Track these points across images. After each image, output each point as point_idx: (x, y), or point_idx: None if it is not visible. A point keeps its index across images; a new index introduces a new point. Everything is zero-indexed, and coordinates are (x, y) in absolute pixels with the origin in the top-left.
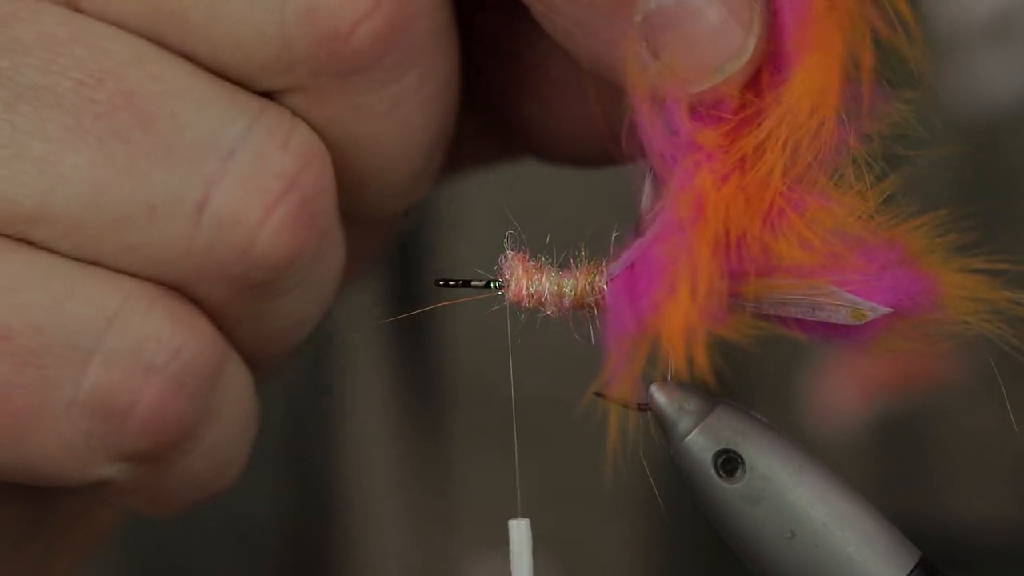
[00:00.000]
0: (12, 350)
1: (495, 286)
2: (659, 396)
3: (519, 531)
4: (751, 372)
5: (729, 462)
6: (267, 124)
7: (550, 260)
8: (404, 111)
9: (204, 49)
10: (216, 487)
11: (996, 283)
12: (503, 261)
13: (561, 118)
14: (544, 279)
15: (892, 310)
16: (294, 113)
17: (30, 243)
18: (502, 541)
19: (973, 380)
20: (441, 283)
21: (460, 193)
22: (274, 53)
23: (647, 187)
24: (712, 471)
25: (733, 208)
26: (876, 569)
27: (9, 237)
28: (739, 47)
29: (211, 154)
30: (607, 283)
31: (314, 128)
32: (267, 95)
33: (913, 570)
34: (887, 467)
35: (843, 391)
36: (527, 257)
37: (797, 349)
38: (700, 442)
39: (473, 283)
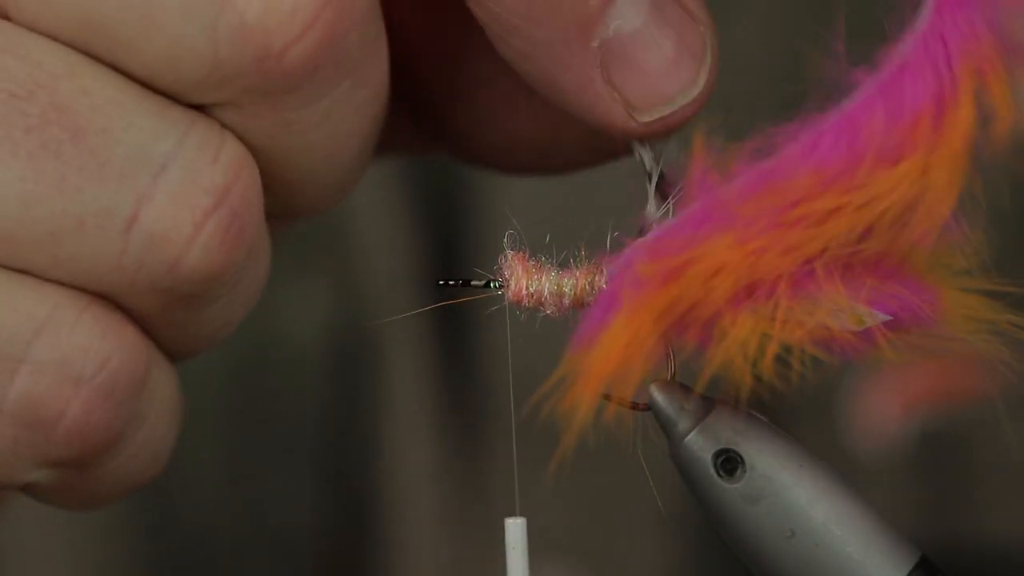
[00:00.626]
0: None
1: (495, 286)
2: (658, 396)
3: (515, 530)
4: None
5: (729, 462)
6: (197, 138)
7: (550, 260)
8: (335, 120)
9: (135, 63)
10: (141, 482)
11: (999, 304)
12: (503, 261)
13: (493, 126)
14: (544, 279)
15: (891, 318)
16: (224, 126)
17: None
18: (539, 550)
19: (1014, 395)
20: (441, 283)
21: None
22: (205, 70)
23: (659, 199)
24: (712, 471)
25: (708, 286)
26: (876, 569)
27: None
28: (690, 80)
29: (142, 170)
30: (607, 283)
31: (244, 140)
32: (197, 107)
33: (913, 569)
34: (928, 483)
35: (884, 407)
36: (527, 257)
37: (838, 364)
38: (700, 442)
39: (473, 283)
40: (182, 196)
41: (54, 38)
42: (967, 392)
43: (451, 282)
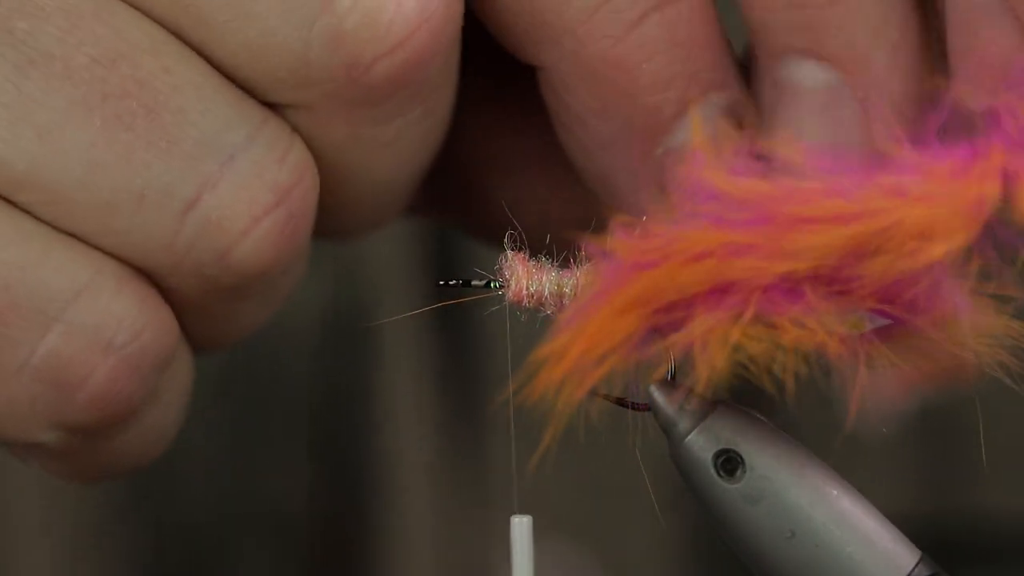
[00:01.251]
0: None
1: (495, 286)
2: (659, 396)
3: (521, 528)
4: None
5: (729, 462)
6: (268, 135)
7: (550, 260)
8: (399, 145)
9: (222, 50)
10: (141, 462)
11: (1001, 309)
12: (503, 261)
13: (523, 208)
14: (544, 279)
15: (890, 322)
16: (294, 129)
17: (12, 203)
18: (537, 534)
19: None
20: (442, 283)
21: None
22: (291, 68)
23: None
24: (712, 471)
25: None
26: (876, 569)
27: None
28: None
29: (210, 156)
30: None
31: (310, 148)
32: (270, 106)
33: (913, 569)
34: (924, 460)
35: (882, 382)
36: (527, 257)
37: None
38: (700, 442)
39: (473, 283)
40: (245, 188)
41: (145, 13)
42: (966, 368)
43: (451, 282)
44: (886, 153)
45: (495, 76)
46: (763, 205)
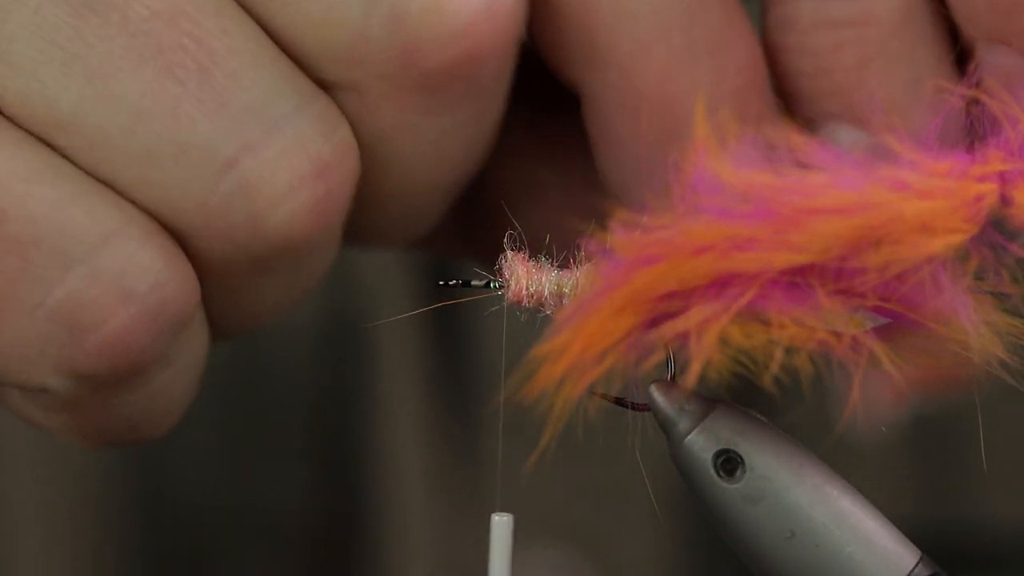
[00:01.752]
0: (0, 234)
1: (495, 286)
2: (658, 396)
3: (501, 527)
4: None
5: (729, 462)
6: (316, 110)
7: (550, 260)
8: (445, 146)
9: (283, 20)
10: (141, 435)
11: (1002, 306)
12: (503, 261)
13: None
14: (544, 279)
15: (890, 321)
16: (342, 112)
17: (51, 146)
18: (531, 537)
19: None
20: (442, 283)
21: None
22: (349, 44)
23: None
24: (712, 471)
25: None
26: (876, 569)
27: (34, 135)
28: None
29: (257, 121)
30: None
31: (357, 135)
32: (322, 86)
33: (913, 569)
34: (923, 466)
35: (878, 389)
36: (527, 257)
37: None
38: (700, 442)
39: (473, 283)
40: (287, 156)
41: None
42: (962, 375)
43: (451, 282)
44: (889, 153)
45: (533, 103)
46: (766, 197)
